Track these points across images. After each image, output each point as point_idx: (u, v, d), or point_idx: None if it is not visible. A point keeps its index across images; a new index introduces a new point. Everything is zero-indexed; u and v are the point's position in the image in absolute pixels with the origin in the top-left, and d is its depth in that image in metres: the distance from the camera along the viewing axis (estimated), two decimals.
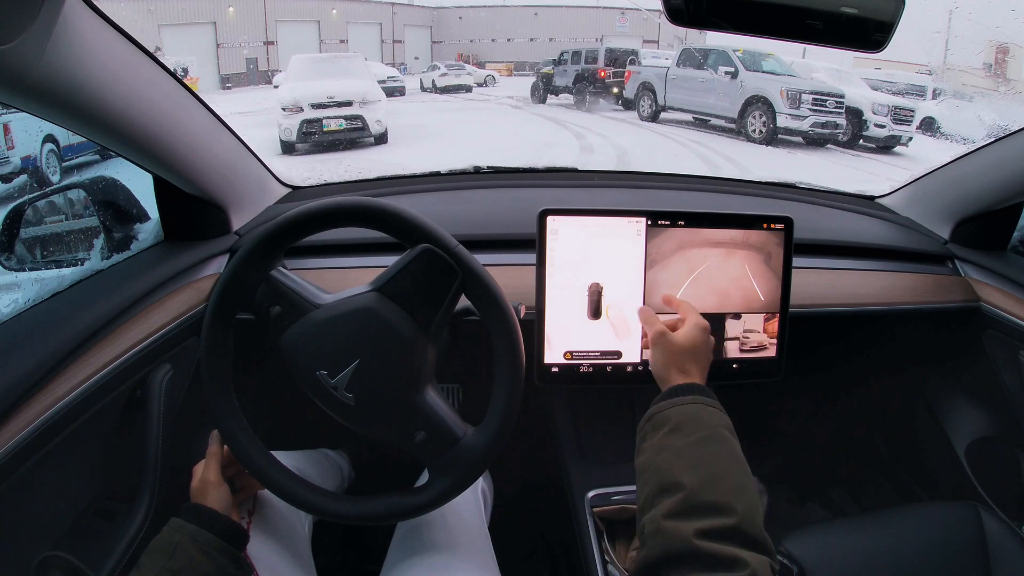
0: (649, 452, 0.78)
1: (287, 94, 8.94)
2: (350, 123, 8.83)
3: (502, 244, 1.27)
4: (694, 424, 0.78)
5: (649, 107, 11.43)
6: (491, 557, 1.06)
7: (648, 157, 9.02)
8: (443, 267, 0.84)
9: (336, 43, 26.45)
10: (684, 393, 0.83)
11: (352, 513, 0.88)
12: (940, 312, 1.39)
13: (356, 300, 0.85)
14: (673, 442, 0.77)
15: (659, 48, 18.42)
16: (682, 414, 0.80)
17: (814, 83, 9.42)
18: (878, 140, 9.32)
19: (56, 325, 0.93)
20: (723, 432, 0.79)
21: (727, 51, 9.97)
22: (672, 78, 10.91)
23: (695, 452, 0.75)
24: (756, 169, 8.24)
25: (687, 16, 0.84)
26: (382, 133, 9.14)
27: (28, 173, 4.78)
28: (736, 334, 1.14)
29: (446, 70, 18.64)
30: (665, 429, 0.78)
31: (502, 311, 0.85)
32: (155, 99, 0.98)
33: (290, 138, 8.69)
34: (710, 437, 0.77)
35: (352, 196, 0.85)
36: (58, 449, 0.86)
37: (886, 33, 0.83)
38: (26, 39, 0.66)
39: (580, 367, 1.12)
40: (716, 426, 0.79)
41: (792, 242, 1.13)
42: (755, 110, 9.45)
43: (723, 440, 0.77)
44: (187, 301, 1.12)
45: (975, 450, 1.48)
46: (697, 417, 0.79)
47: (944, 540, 1.13)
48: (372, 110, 8.99)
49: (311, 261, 1.26)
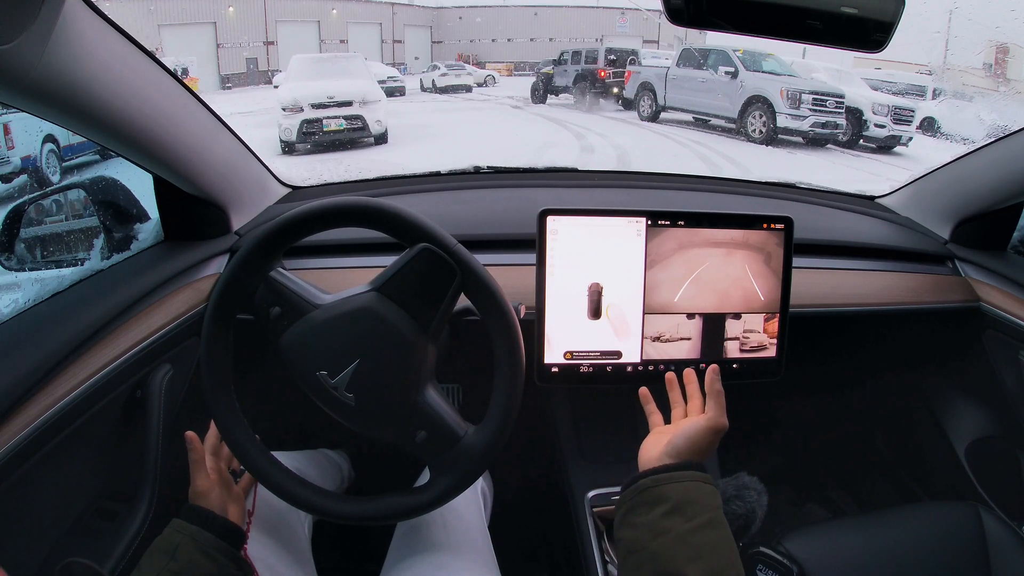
0: (643, 530, 0.73)
1: (287, 94, 8.92)
2: (350, 123, 8.83)
3: (502, 244, 1.27)
4: (695, 507, 0.73)
5: (649, 107, 11.43)
6: (491, 557, 1.06)
7: (648, 157, 8.99)
8: (442, 266, 0.84)
9: (336, 43, 26.48)
10: (684, 469, 0.77)
11: (354, 513, 0.88)
12: (940, 312, 1.39)
13: (355, 300, 0.85)
14: (674, 526, 0.71)
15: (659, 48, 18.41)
16: (682, 493, 0.74)
17: (814, 83, 9.42)
18: (878, 140, 9.32)
19: (56, 325, 0.93)
20: (721, 516, 0.74)
21: (727, 51, 9.96)
22: (672, 78, 10.91)
23: (698, 540, 0.70)
24: (756, 169, 8.22)
25: (687, 16, 0.84)
26: (382, 133, 9.13)
27: (28, 173, 4.77)
28: (736, 334, 1.14)
29: (446, 70, 18.65)
30: (662, 508, 0.73)
31: (501, 310, 0.85)
32: (155, 99, 0.98)
33: (290, 138, 8.68)
34: (711, 522, 0.72)
35: (351, 196, 0.85)
36: (58, 449, 0.86)
37: (886, 33, 0.83)
38: (26, 39, 0.66)
39: (580, 367, 1.12)
40: (715, 508, 0.74)
41: (792, 242, 1.13)
42: (755, 110, 9.44)
43: (722, 525, 0.73)
44: (187, 301, 1.12)
45: (975, 450, 1.48)
46: (698, 498, 0.74)
47: (944, 540, 1.13)
48: (372, 110, 8.99)
49: (311, 261, 1.26)
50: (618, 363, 1.12)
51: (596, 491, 1.20)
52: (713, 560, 0.69)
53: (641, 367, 1.12)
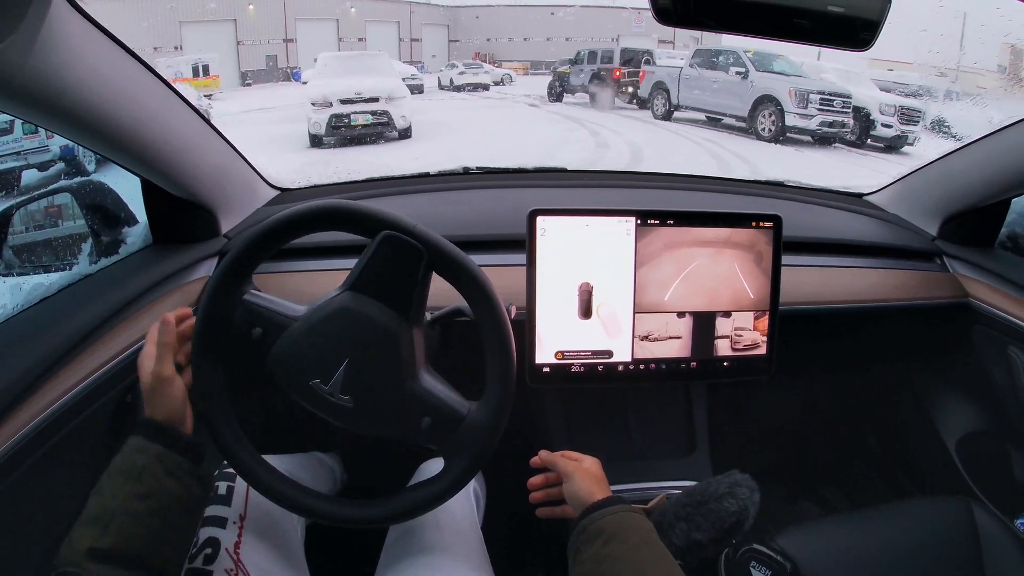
0: (589, 563, 0.80)
1: (316, 90, 9.26)
2: (376, 118, 9.21)
3: (492, 245, 1.27)
4: (629, 531, 0.80)
5: (663, 106, 11.63)
6: (484, 558, 1.06)
7: (660, 153, 9.22)
8: (407, 250, 0.83)
9: (354, 41, 26.57)
10: (609, 504, 0.85)
11: (377, 516, 0.87)
12: (929, 308, 1.40)
13: (331, 304, 0.84)
14: (613, 550, 0.78)
15: (675, 49, 18.46)
16: (615, 523, 0.82)
17: (822, 83, 9.60)
18: (886, 139, 9.49)
19: (45, 330, 0.92)
20: (654, 536, 0.81)
21: (738, 52, 10.18)
22: (685, 78, 11.13)
23: (638, 556, 0.77)
24: (765, 166, 8.38)
25: (675, 16, 0.84)
26: (406, 128, 9.48)
27: (65, 161, 4.82)
28: (726, 332, 1.15)
29: (464, 68, 18.68)
30: (601, 539, 0.80)
31: (472, 276, 0.85)
32: (142, 102, 0.98)
33: (319, 132, 9.06)
34: (646, 541, 0.80)
35: (305, 204, 0.84)
36: (49, 455, 0.85)
37: (873, 32, 0.84)
38: (12, 43, 0.66)
39: (571, 367, 1.12)
40: (647, 531, 0.82)
41: (781, 240, 1.14)
42: (764, 109, 9.64)
43: (656, 544, 0.80)
44: (176, 305, 1.11)
45: (966, 445, 1.49)
46: (629, 525, 0.82)
47: (936, 535, 1.14)
48: (397, 106, 9.36)
49: (289, 264, 1.25)
50: (609, 362, 1.13)
51: None
52: (656, 570, 0.75)
53: (632, 366, 1.12)
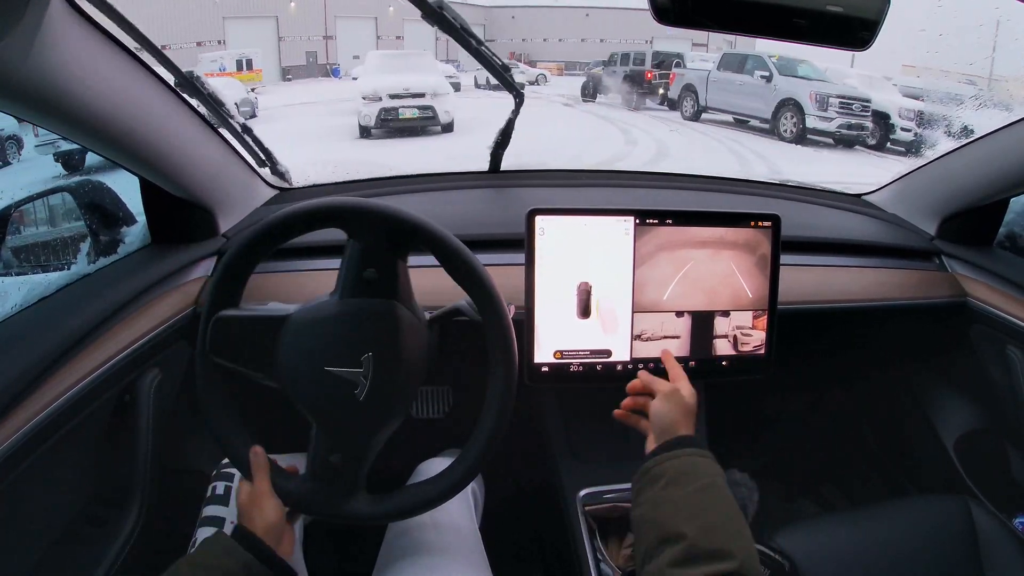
0: (647, 505, 0.80)
1: (367, 85, 10.06)
2: (422, 112, 9.97)
3: (491, 244, 1.27)
4: (690, 476, 0.80)
5: (691, 107, 12.06)
6: (482, 558, 1.06)
7: (685, 150, 9.91)
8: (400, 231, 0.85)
9: (392, 39, 27.26)
10: (679, 446, 0.85)
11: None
12: (928, 308, 1.40)
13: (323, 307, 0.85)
14: (671, 494, 0.79)
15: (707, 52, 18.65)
16: (678, 467, 0.82)
17: (842, 88, 9.92)
18: (905, 143, 9.74)
19: (43, 330, 0.92)
20: (718, 481, 0.81)
21: (763, 56, 10.60)
22: (712, 80, 11.52)
23: (693, 502, 0.77)
24: (784, 165, 8.74)
25: (673, 15, 0.85)
26: (449, 123, 10.23)
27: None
28: (725, 332, 1.14)
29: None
30: (662, 482, 0.80)
31: (446, 244, 0.86)
32: (141, 101, 0.98)
33: (369, 123, 9.92)
34: (707, 487, 0.79)
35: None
36: (47, 455, 0.85)
37: (871, 31, 0.84)
38: (9, 43, 0.66)
39: (570, 366, 1.12)
40: (712, 475, 0.81)
41: (780, 239, 1.14)
42: (786, 111, 10.04)
43: (719, 489, 0.80)
44: (175, 304, 1.11)
45: (964, 444, 1.49)
46: (693, 469, 0.82)
47: (935, 533, 1.14)
48: (442, 102, 10.10)
49: (291, 264, 1.25)
50: (608, 361, 1.13)
51: (587, 490, 1.19)
52: (707, 517, 0.75)
53: (631, 365, 1.12)
